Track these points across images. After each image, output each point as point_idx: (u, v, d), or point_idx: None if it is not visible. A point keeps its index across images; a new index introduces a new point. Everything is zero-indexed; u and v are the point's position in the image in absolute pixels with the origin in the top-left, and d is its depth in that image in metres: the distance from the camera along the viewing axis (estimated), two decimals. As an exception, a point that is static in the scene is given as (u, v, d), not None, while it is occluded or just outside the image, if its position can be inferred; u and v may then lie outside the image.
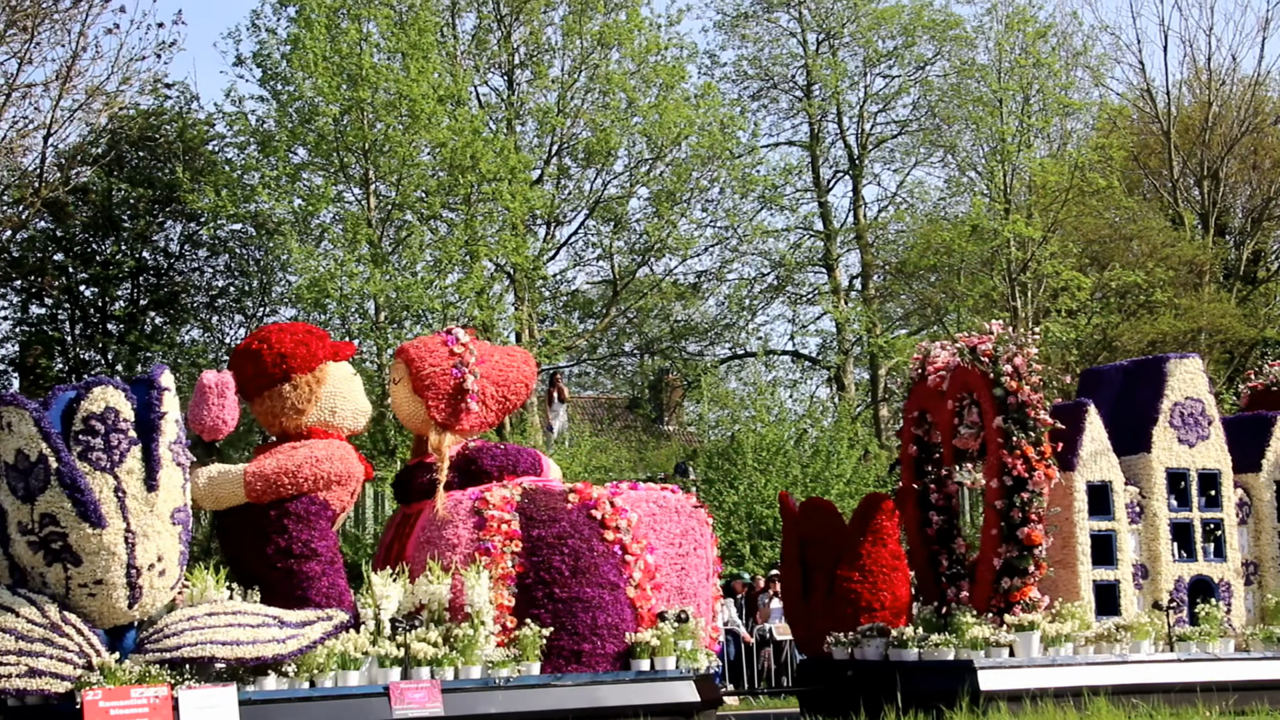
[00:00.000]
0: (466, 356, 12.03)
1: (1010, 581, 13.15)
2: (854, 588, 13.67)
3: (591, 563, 11.40)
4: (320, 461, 11.08)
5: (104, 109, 21.73)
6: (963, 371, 13.65)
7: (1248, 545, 14.83)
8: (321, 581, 10.96)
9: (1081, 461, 13.90)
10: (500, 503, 11.41)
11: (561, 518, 11.49)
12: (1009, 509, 13.13)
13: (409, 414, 12.20)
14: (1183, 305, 28.55)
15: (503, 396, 12.24)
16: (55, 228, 24.22)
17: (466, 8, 26.44)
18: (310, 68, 22.44)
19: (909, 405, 14.55)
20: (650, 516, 11.84)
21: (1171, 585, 14.13)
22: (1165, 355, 15.30)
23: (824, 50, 30.55)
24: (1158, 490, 14.28)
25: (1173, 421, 14.47)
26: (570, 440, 24.18)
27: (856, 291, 31.33)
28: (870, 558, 13.71)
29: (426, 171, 23.78)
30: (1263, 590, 14.74)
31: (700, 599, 12.06)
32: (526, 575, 11.30)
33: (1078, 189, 27.43)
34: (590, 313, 29.06)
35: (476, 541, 11.27)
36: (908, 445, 14.43)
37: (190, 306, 25.39)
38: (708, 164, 27.27)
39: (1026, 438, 13.12)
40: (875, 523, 13.84)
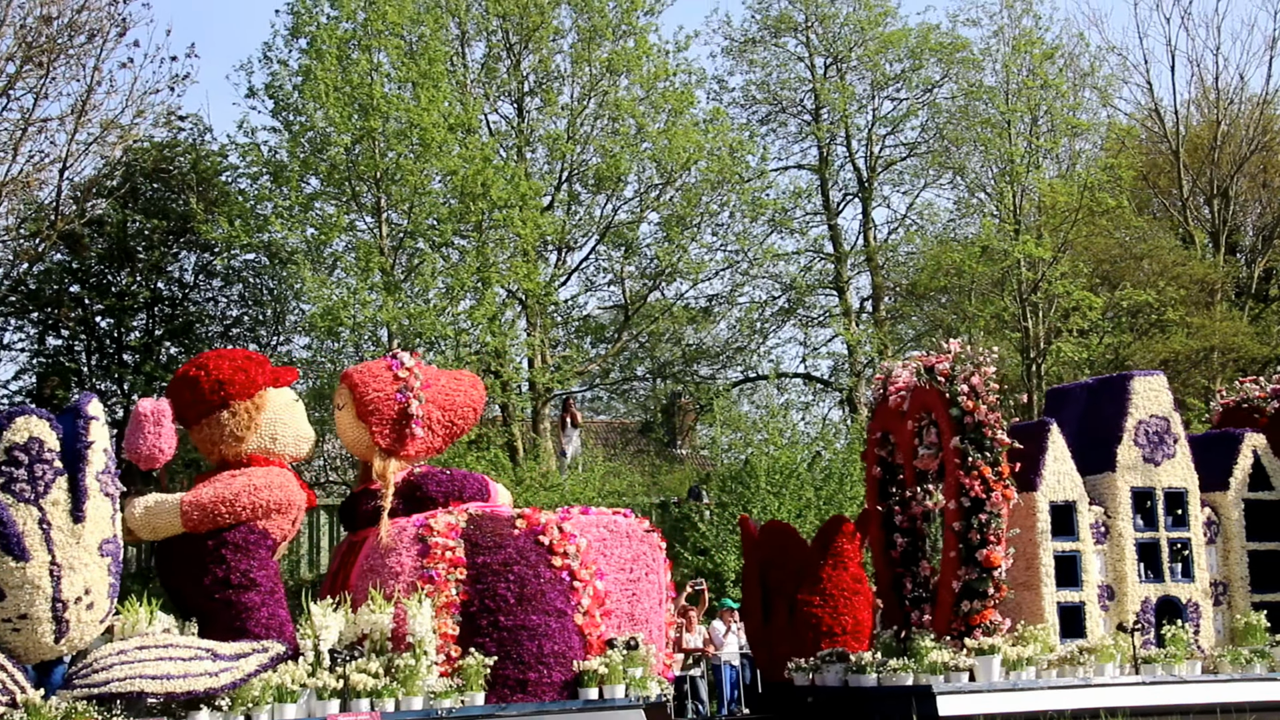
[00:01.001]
0: (411, 381, 11.87)
1: (970, 604, 12.92)
2: (815, 611, 13.46)
3: (538, 589, 11.17)
4: (259, 490, 10.87)
5: (118, 142, 21.95)
6: (921, 391, 13.47)
7: (1216, 565, 14.54)
8: (261, 612, 10.73)
9: (1044, 481, 13.68)
10: (445, 529, 11.22)
11: (508, 544, 11.26)
12: (967, 530, 12.91)
13: (354, 440, 12.04)
14: (1195, 324, 28.55)
15: (449, 421, 12.05)
16: (71, 260, 24.43)
17: (476, 37, 26.65)
18: (322, 98, 22.64)
19: (872, 426, 14.39)
20: (600, 542, 11.61)
21: (1138, 606, 13.86)
22: (1129, 372, 15.02)
23: (832, 74, 30.69)
24: (1123, 510, 14.02)
25: (1137, 440, 14.24)
26: (583, 465, 24.24)
27: (868, 313, 31.38)
28: (831, 581, 13.53)
29: (438, 199, 23.94)
30: (1232, 611, 14.45)
31: (652, 625, 11.81)
32: (471, 603, 11.08)
33: (1087, 209, 27.47)
34: (602, 337, 29.15)
35: (420, 569, 11.06)
36: (871, 467, 14.22)
37: (205, 336, 25.54)
38: (717, 188, 27.39)
39: (984, 458, 12.93)
40: (836, 545, 13.63)
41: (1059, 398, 15.44)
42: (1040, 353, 27.51)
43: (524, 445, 25.24)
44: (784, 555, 13.83)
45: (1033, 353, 27.51)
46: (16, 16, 19.98)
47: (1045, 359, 27.58)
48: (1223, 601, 14.50)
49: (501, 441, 24.66)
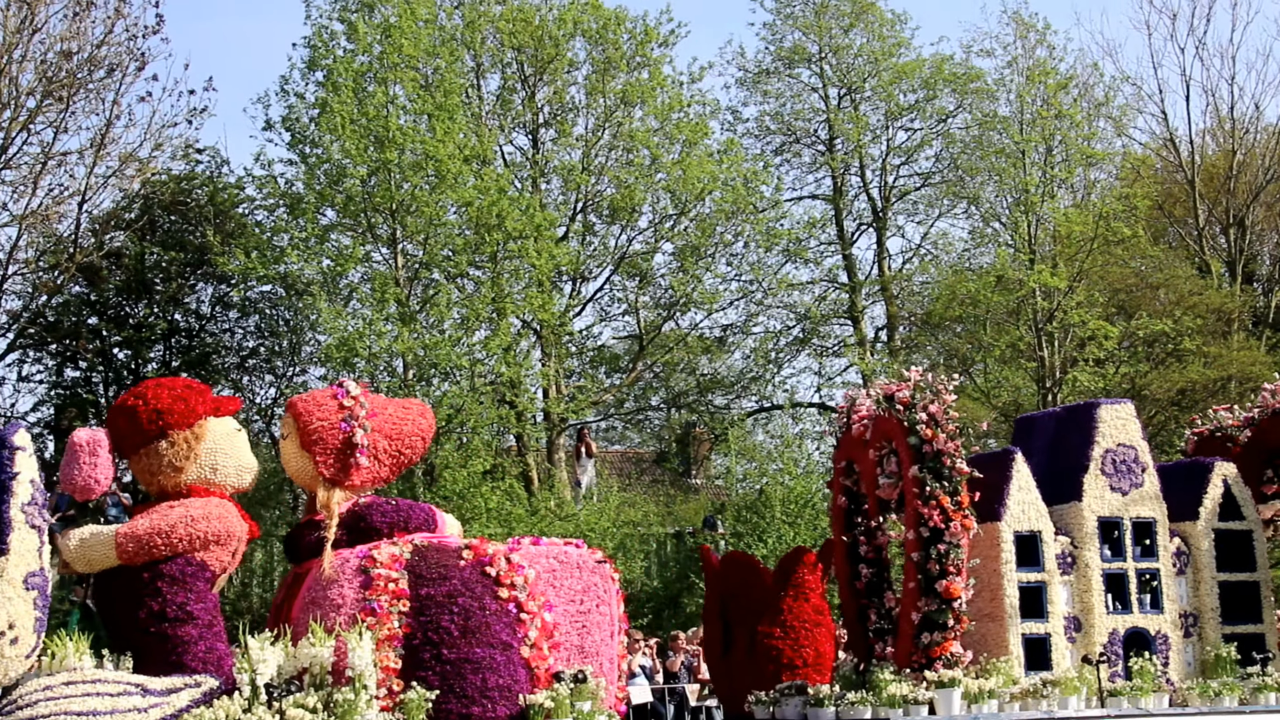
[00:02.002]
0: (356, 410, 11.64)
1: (930, 636, 12.64)
2: (775, 644, 13.20)
3: (483, 622, 10.93)
4: (196, 521, 10.61)
5: (137, 175, 22.15)
6: (882, 420, 13.25)
7: (1186, 596, 14.26)
8: (198, 646, 10.49)
9: (1009, 511, 13.41)
10: (388, 561, 11.00)
11: (453, 575, 11.05)
12: (925, 561, 12.67)
13: (298, 469, 11.82)
14: (1212, 353, 28.45)
15: (396, 451, 11.83)
16: (89, 292, 24.61)
17: (491, 69, 26.83)
18: (338, 130, 22.81)
19: (837, 455, 14.14)
20: (550, 573, 11.39)
21: (1105, 638, 13.57)
22: (1097, 401, 14.73)
23: (846, 105, 30.78)
24: (1089, 540, 13.74)
25: (1104, 469, 13.96)
26: (598, 495, 24.24)
27: (882, 343, 31.36)
28: (792, 613, 13.27)
29: (453, 230, 24.05)
30: (1203, 643, 14.14)
31: (603, 658, 11.55)
32: (414, 636, 10.83)
33: (1103, 238, 27.44)
34: (616, 367, 29.18)
35: (362, 601, 10.82)
36: (837, 496, 14.00)
37: (221, 367, 25.68)
38: (732, 218, 27.46)
39: (942, 487, 12.68)
40: (797, 577, 13.39)
41: (1027, 426, 15.16)
42: (1056, 382, 27.44)
43: (539, 475, 25.26)
44: (745, 587, 13.58)
45: (1048, 382, 27.45)
46: (37, 52, 20.23)
47: (1061, 389, 27.50)
48: (1193, 633, 14.20)
49: (517, 472, 24.68)
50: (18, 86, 20.10)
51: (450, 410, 23.14)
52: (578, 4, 26.26)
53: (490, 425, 23.96)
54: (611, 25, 26.27)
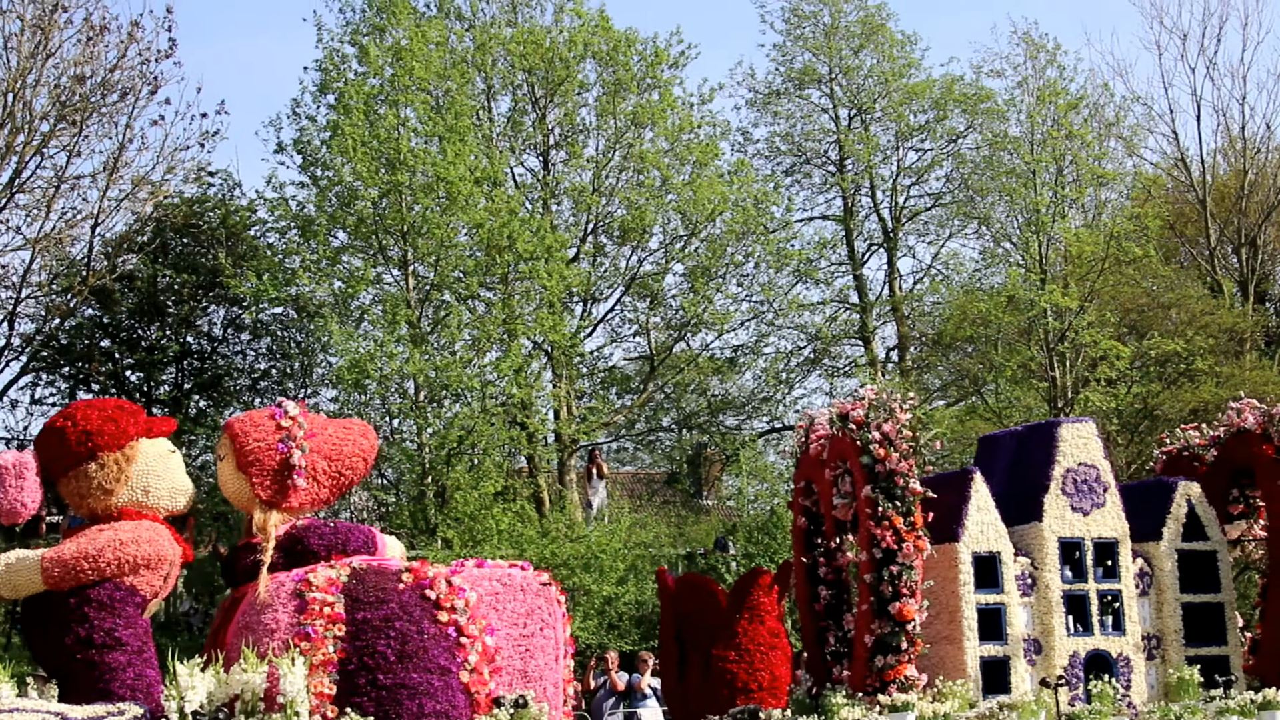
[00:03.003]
0: (294, 430, 11.41)
1: (884, 659, 12.38)
2: (730, 667, 12.88)
3: (420, 646, 10.67)
4: (125, 545, 10.35)
5: (149, 198, 22.23)
6: (838, 439, 13.02)
7: (1149, 618, 13.99)
8: (126, 673, 10.23)
9: (967, 532, 13.15)
10: (324, 584, 10.73)
11: (391, 599, 10.79)
12: (878, 583, 12.43)
13: (235, 492, 11.59)
14: (1224, 373, 28.34)
15: (336, 472, 11.61)
16: (102, 315, 24.70)
17: (501, 91, 26.93)
18: (349, 153, 22.90)
19: (797, 475, 13.93)
20: (493, 595, 11.17)
21: (1066, 661, 13.29)
22: (1058, 419, 14.49)
23: (856, 125, 30.82)
24: (1050, 561, 13.47)
25: (1065, 488, 13.71)
26: (609, 516, 24.21)
27: (893, 363, 31.32)
28: (747, 636, 12.98)
29: (464, 252, 24.11)
30: (1166, 665, 13.87)
31: (546, 682, 11.32)
32: (349, 661, 10.54)
33: (1114, 258, 27.41)
34: (628, 388, 29.19)
35: (296, 626, 10.56)
36: (797, 517, 13.80)
37: (233, 389, 25.74)
38: (742, 239, 27.49)
39: (895, 507, 12.46)
40: (752, 599, 13.10)
41: (989, 446, 14.85)
42: (1068, 402, 27.37)
43: (550, 497, 25.25)
44: (700, 609, 13.28)
45: (1060, 402, 27.38)
46: (51, 76, 20.34)
47: (1073, 409, 27.43)
48: (1156, 655, 13.92)
49: (528, 493, 24.67)
50: (31, 111, 20.21)
51: (461, 431, 23.16)
52: (588, 26, 26.36)
53: (501, 447, 23.96)
54: (622, 47, 26.36)
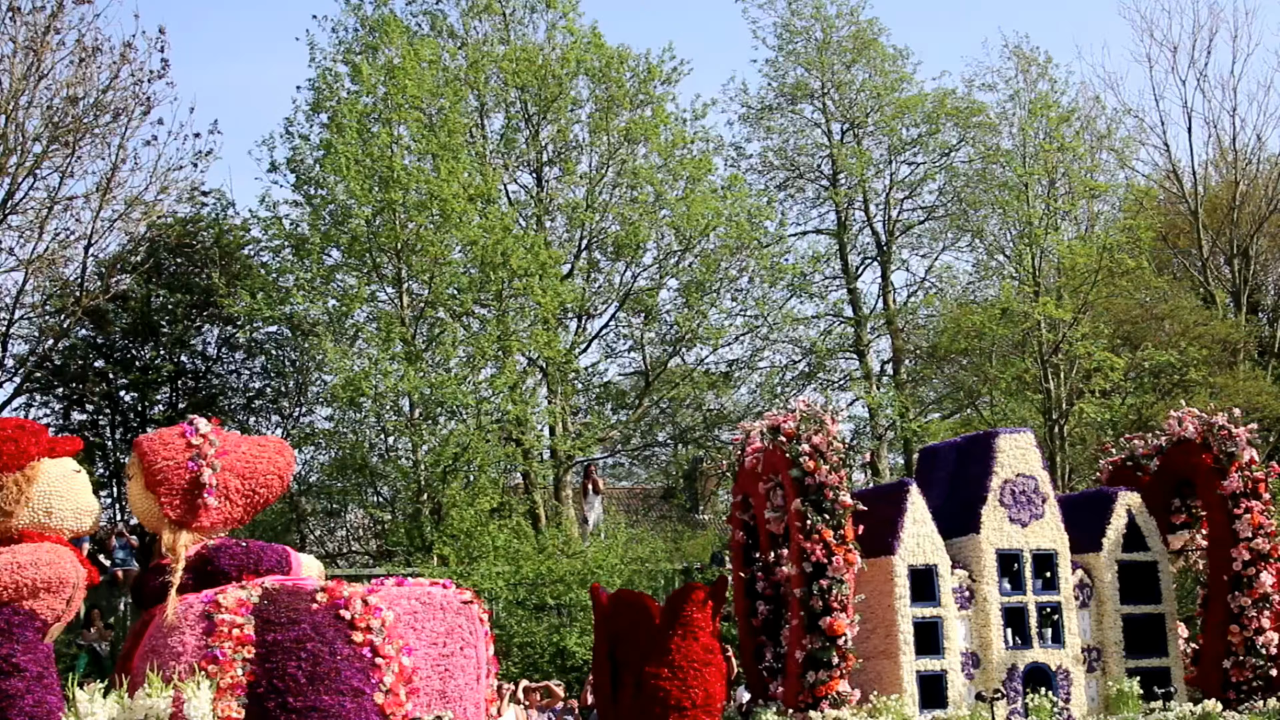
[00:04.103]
0: (205, 448, 11.21)
1: (815, 675, 12.25)
2: (663, 685, 12.68)
3: (333, 667, 10.44)
4: (23, 567, 10.05)
5: (143, 218, 22.21)
6: (770, 452, 12.93)
7: (1089, 630, 13.88)
8: (25, 699, 9.93)
9: (903, 544, 13.04)
10: (234, 605, 10.51)
11: (303, 619, 10.58)
12: (808, 597, 12.31)
13: (144, 511, 11.37)
14: (1218, 384, 28.39)
15: (250, 490, 11.41)
16: (96, 335, 24.67)
17: (495, 108, 26.96)
18: (343, 171, 22.91)
19: (735, 489, 13.82)
20: (411, 615, 10.96)
21: (1004, 674, 13.17)
22: (995, 430, 14.37)
23: (849, 140, 30.88)
24: (987, 573, 13.35)
25: (1003, 500, 13.61)
26: (606, 532, 24.18)
27: (888, 376, 31.33)
28: (680, 652, 12.76)
29: (458, 269, 24.12)
30: (1106, 677, 13.78)
31: (467, 702, 11.08)
32: (259, 683, 10.30)
33: (1107, 270, 27.45)
34: (623, 404, 29.19)
35: (204, 649, 10.33)
36: (735, 531, 13.65)
37: (228, 408, 25.71)
38: (736, 254, 27.51)
39: (824, 520, 12.35)
40: (686, 615, 12.89)
41: (930, 458, 14.78)
42: (1063, 414, 27.39)
43: (546, 513, 25.22)
44: (633, 626, 13.10)
45: (1055, 414, 27.40)
46: (44, 97, 20.33)
47: (1068, 420, 27.46)
48: (1096, 668, 13.85)
49: (524, 509, 24.64)
50: (24, 132, 20.20)
51: (457, 448, 23.14)
52: (580, 43, 26.41)
53: (497, 463, 23.95)
54: (614, 63, 26.41)
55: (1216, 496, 14.33)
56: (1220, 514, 14.31)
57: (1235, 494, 14.23)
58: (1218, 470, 14.32)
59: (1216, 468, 14.34)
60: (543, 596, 21.05)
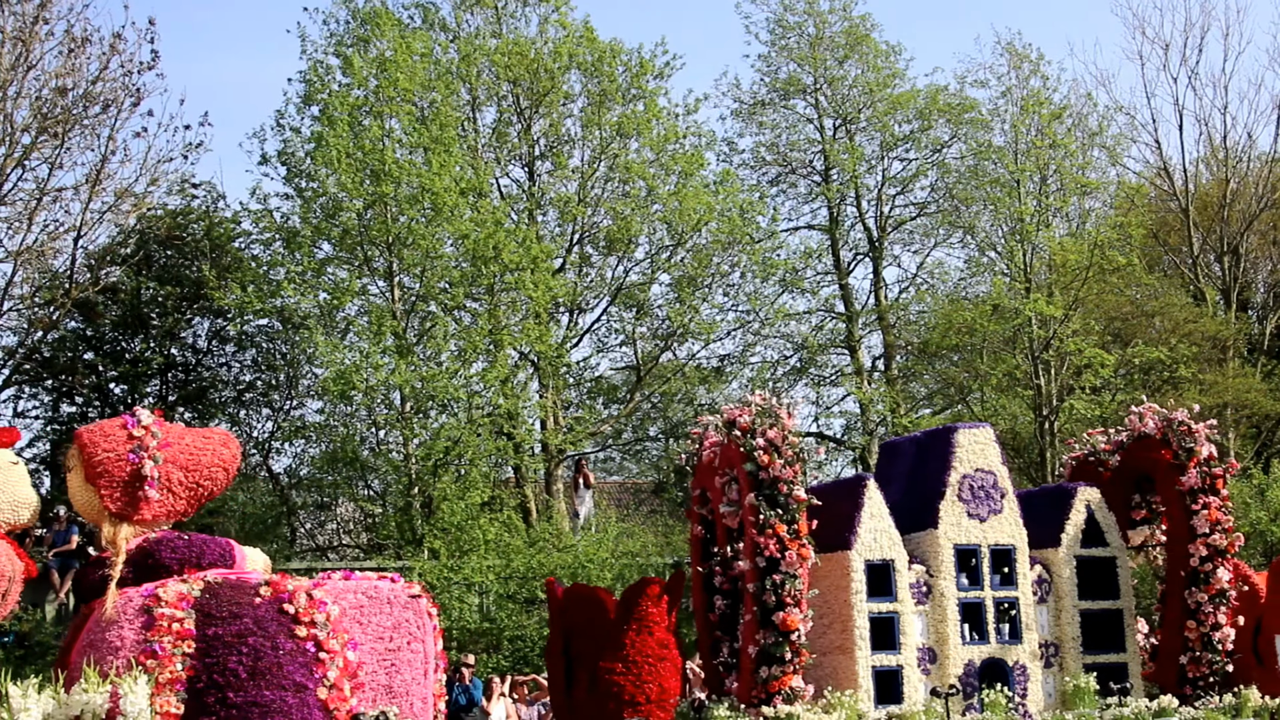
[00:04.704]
0: (147, 440, 11.15)
1: (769, 671, 12.15)
2: (617, 680, 12.64)
3: (275, 662, 10.33)
4: None
5: (132, 210, 22.16)
6: (726, 446, 12.84)
7: (1048, 625, 13.84)
8: None
9: (859, 539, 12.96)
10: (174, 599, 10.40)
11: (245, 614, 10.46)
12: (761, 592, 12.22)
13: (84, 504, 11.27)
14: (1207, 381, 28.47)
15: (194, 483, 11.37)
16: (85, 327, 24.58)
17: (487, 102, 26.92)
18: (334, 164, 22.86)
19: (693, 483, 13.75)
20: (357, 609, 10.87)
21: (961, 670, 13.11)
22: (954, 425, 14.29)
23: (841, 135, 30.88)
24: (945, 568, 13.28)
25: (961, 495, 13.53)
26: (597, 526, 24.17)
27: (879, 372, 31.36)
28: (635, 647, 12.75)
29: (450, 263, 24.08)
30: (1063, 673, 13.73)
31: (413, 697, 10.98)
32: (198, 678, 10.19)
33: (1098, 267, 27.51)
34: (614, 398, 29.17)
35: (143, 643, 10.19)
36: (694, 525, 13.60)
37: (218, 401, 25.64)
38: (728, 249, 27.50)
39: (778, 515, 12.28)
40: (640, 609, 12.88)
41: (890, 453, 14.72)
42: (1053, 410, 27.44)
43: (537, 507, 25.20)
44: (588, 621, 13.06)
45: (1045, 410, 27.45)
46: (33, 88, 20.26)
47: (1058, 416, 27.51)
48: (1054, 663, 13.79)
49: (515, 503, 24.63)
50: (12, 123, 20.14)
51: (448, 442, 23.11)
52: (573, 37, 26.38)
53: (488, 457, 23.92)
54: (607, 58, 26.38)
55: (1175, 492, 14.27)
56: (1179, 510, 14.27)
57: (1193, 490, 14.16)
58: (1177, 466, 14.25)
59: (1175, 463, 14.27)
60: (533, 590, 21.03)
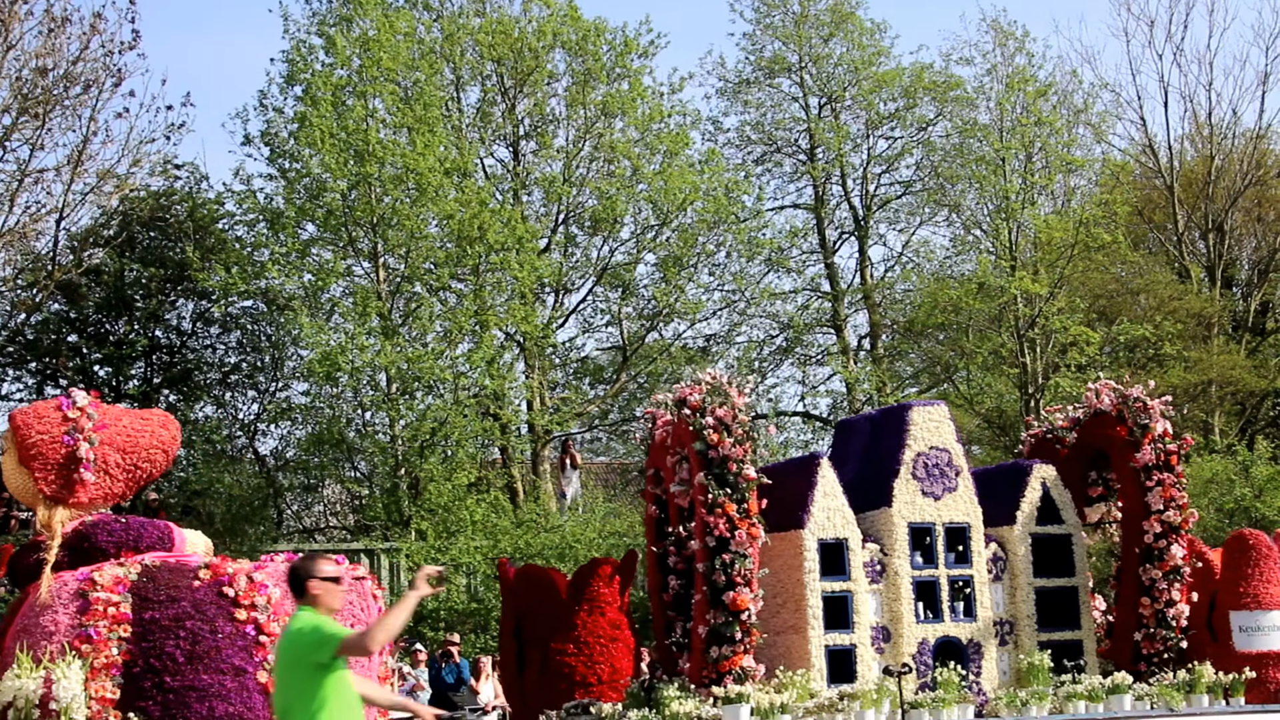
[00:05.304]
0: (82, 422, 11.02)
1: (719, 650, 12.07)
2: (568, 660, 12.66)
3: (213, 646, 10.22)
4: None
5: (115, 191, 22.02)
6: (678, 425, 12.73)
7: (1002, 603, 13.75)
8: None
9: (812, 518, 12.84)
10: (110, 583, 10.23)
11: (183, 597, 10.32)
12: (711, 572, 12.13)
13: (18, 487, 11.17)
14: (1192, 358, 28.57)
15: (132, 465, 11.27)
16: (69, 309, 24.46)
17: (471, 82, 26.80)
18: (317, 145, 22.75)
19: (647, 463, 13.68)
20: None
21: (915, 648, 13.02)
22: (909, 403, 14.23)
23: (826, 114, 30.83)
24: (899, 547, 13.19)
25: (915, 473, 13.43)
26: (583, 506, 24.19)
27: (865, 351, 31.39)
28: (586, 628, 12.74)
29: (435, 243, 24.00)
30: (1018, 650, 13.66)
31: None
32: (134, 663, 10.08)
33: (1083, 245, 27.54)
34: (600, 379, 29.16)
35: (78, 627, 10.05)
36: (649, 505, 13.53)
37: (203, 384, 25.55)
38: (714, 229, 27.46)
39: (727, 494, 12.15)
40: (591, 590, 12.86)
41: (845, 431, 14.65)
42: (1039, 388, 27.51)
43: (524, 487, 25.20)
44: (539, 602, 13.01)
45: (1031, 388, 27.51)
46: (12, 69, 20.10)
47: (1044, 394, 27.57)
48: (1009, 641, 13.71)
49: (501, 484, 24.62)
50: (-7, 104, 20.00)
51: (434, 423, 23.08)
52: (557, 16, 26.26)
53: (474, 438, 23.90)
54: (591, 37, 26.28)
55: (1130, 469, 14.20)
56: (1133, 487, 14.20)
57: (1148, 466, 14.08)
58: (1131, 443, 14.18)
59: (1130, 440, 14.19)
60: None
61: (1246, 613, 14.22)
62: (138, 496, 23.75)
